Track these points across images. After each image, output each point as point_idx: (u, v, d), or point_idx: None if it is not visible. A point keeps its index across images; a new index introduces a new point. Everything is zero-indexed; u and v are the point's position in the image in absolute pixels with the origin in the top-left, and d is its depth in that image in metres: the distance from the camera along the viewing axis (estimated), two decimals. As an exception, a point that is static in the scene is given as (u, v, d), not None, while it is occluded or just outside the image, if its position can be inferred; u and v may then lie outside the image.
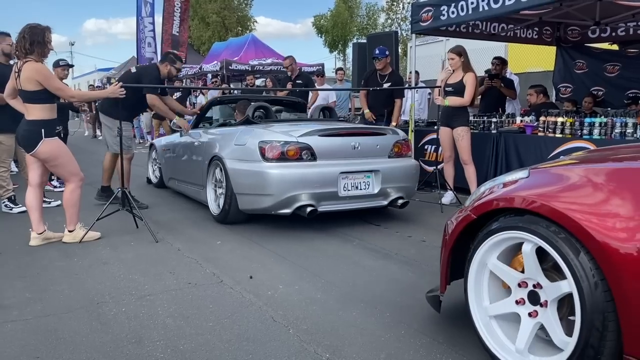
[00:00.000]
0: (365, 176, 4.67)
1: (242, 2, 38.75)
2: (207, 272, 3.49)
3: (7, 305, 2.91)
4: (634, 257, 1.72)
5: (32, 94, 3.96)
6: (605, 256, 1.79)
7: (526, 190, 2.13)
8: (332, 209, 4.59)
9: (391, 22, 35.97)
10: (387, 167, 4.79)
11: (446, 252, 2.46)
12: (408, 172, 4.97)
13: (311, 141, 4.52)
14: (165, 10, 16.20)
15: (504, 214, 2.18)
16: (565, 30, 8.08)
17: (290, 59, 8.63)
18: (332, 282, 3.28)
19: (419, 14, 6.47)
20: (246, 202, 4.60)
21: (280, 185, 4.35)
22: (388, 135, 5.02)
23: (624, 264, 1.74)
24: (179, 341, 2.47)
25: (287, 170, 4.38)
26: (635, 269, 1.72)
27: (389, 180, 4.76)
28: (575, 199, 1.96)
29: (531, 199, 2.05)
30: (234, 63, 14.30)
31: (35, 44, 3.94)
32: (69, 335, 2.53)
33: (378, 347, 2.43)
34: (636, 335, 1.73)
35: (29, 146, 4.04)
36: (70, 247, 4.07)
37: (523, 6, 5.26)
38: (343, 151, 4.65)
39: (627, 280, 1.74)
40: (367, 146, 4.77)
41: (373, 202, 4.78)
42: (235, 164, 4.64)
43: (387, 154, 4.90)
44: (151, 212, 5.20)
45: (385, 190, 4.76)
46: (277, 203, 4.39)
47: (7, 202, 5.40)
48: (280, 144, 4.45)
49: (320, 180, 4.45)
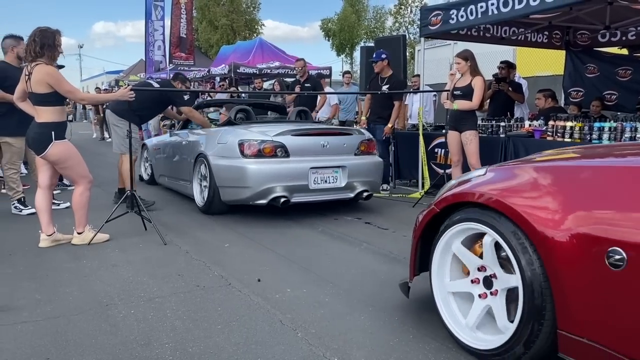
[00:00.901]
0: (333, 171, 5.24)
1: (249, 6, 38.89)
2: (215, 274, 3.49)
3: (17, 306, 2.93)
4: (566, 245, 1.97)
5: (43, 96, 3.98)
6: (543, 245, 2.05)
7: (480, 187, 2.41)
8: (304, 200, 5.14)
9: (399, 25, 36.00)
10: (353, 163, 5.36)
11: (414, 242, 2.73)
12: (372, 168, 5.53)
13: (285, 140, 5.08)
14: (173, 13, 16.30)
15: (464, 207, 2.45)
16: (574, 34, 8.04)
17: (302, 62, 8.66)
18: (340, 286, 3.27)
19: (428, 18, 6.47)
20: (227, 194, 5.14)
21: (257, 179, 4.90)
22: (354, 135, 5.62)
23: (558, 253, 2.00)
24: (188, 344, 2.47)
25: (263, 165, 4.94)
26: (567, 257, 1.97)
27: (354, 175, 5.32)
28: (518, 193, 2.23)
29: (483, 194, 2.33)
30: (242, 66, 14.34)
31: (45, 47, 3.97)
32: (79, 336, 2.55)
33: (386, 351, 2.42)
34: (567, 314, 2.01)
35: (39, 148, 4.06)
36: (79, 249, 4.09)
37: (532, 10, 5.24)
38: (313, 149, 5.21)
39: (562, 268, 1.99)
40: (335, 145, 5.35)
41: (340, 194, 5.33)
42: (218, 160, 5.17)
43: (353, 151, 5.47)
44: (159, 215, 5.22)
45: (351, 184, 5.32)
46: (254, 194, 4.94)
47: (17, 203, 5.44)
48: (257, 142, 5.00)
49: (293, 175, 5.00)
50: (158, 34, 17.22)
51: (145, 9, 17.08)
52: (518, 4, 5.24)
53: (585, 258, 1.93)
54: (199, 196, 5.57)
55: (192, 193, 5.70)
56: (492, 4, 5.54)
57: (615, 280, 1.85)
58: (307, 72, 8.77)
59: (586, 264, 1.93)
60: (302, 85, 8.49)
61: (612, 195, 1.96)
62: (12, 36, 5.55)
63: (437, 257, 2.58)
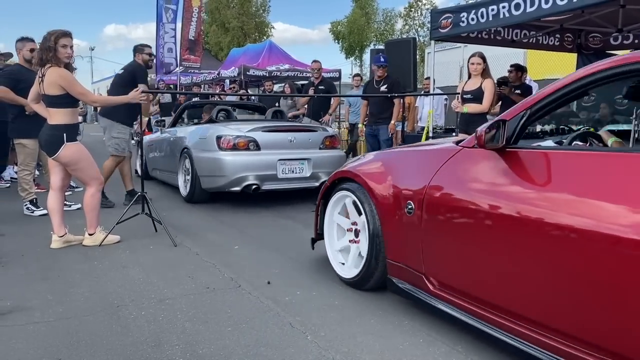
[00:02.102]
0: (299, 163, 5.95)
1: (259, 8, 39.04)
2: (225, 276, 3.50)
3: (29, 306, 2.96)
4: (387, 200, 2.94)
5: (55, 98, 4.02)
6: (377, 201, 3.02)
7: (350, 165, 3.43)
8: (273, 187, 5.88)
9: (409, 28, 35.95)
10: (317, 156, 6.08)
11: (317, 208, 3.66)
12: (335, 161, 6.14)
13: (256, 135, 5.84)
14: (185, 16, 16.38)
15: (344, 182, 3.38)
16: (586, 37, 7.99)
17: (319, 63, 8.72)
18: (350, 289, 3.26)
19: (439, 20, 6.46)
20: (207, 182, 5.88)
21: (232, 169, 5.64)
22: (319, 132, 6.38)
23: (384, 206, 2.96)
24: (198, 345, 2.48)
25: (237, 157, 5.69)
26: (388, 208, 2.92)
27: (318, 166, 6.03)
28: (366, 168, 3.23)
29: (350, 172, 3.33)
30: (252, 69, 14.39)
31: (45, 51, 4.01)
32: (90, 337, 2.56)
33: (396, 355, 2.41)
34: (391, 247, 2.94)
35: (52, 150, 4.10)
36: (91, 250, 4.12)
37: (544, 13, 5.22)
38: (281, 143, 5.94)
39: (386, 216, 2.95)
40: (302, 140, 6.08)
41: (306, 183, 6.05)
42: (199, 153, 5.91)
43: (318, 146, 6.20)
44: (169, 217, 5.25)
45: (316, 174, 6.01)
46: (229, 182, 5.68)
47: (29, 204, 5.48)
48: (233, 137, 5.74)
49: (263, 165, 5.73)
50: (168, 36, 17.29)
51: (156, 11, 17.19)
52: (530, 7, 5.22)
53: (397, 208, 2.85)
54: (183, 187, 6.31)
55: (177, 183, 6.45)
56: (503, 6, 5.52)
57: (410, 222, 2.76)
58: (322, 74, 8.84)
59: (397, 212, 2.85)
60: (316, 87, 8.52)
61: (408, 170, 2.92)
62: (21, 38, 5.62)
63: (326, 226, 3.57)
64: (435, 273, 2.65)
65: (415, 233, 2.71)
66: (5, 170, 7.37)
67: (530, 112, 2.36)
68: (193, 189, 5.97)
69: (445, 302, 2.57)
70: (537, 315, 2.10)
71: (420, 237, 2.68)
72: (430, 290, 2.65)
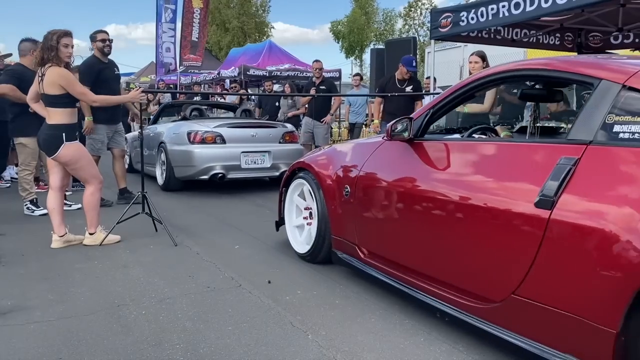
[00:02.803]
0: (261, 155, 6.82)
1: (259, 8, 39.03)
2: (226, 276, 3.50)
3: (30, 306, 2.95)
4: (331, 185, 3.49)
5: (55, 97, 4.02)
6: (323, 186, 3.57)
7: (309, 158, 3.93)
8: (237, 176, 6.74)
9: (409, 27, 35.95)
10: (277, 149, 6.95)
11: (280, 194, 4.17)
12: (293, 153, 6.91)
13: (222, 131, 6.70)
14: (185, 16, 16.37)
15: (300, 171, 3.93)
16: (586, 37, 7.98)
17: (320, 63, 8.73)
18: (350, 288, 3.27)
19: (438, 20, 6.46)
20: (179, 172, 6.71)
21: (201, 160, 6.50)
22: (279, 128, 7.26)
23: (328, 190, 3.52)
24: (199, 345, 2.48)
25: (205, 149, 6.55)
26: (331, 192, 3.47)
27: (278, 158, 6.88)
28: (317, 159, 3.80)
29: (304, 163, 3.89)
30: (252, 69, 14.39)
31: (45, 51, 4.01)
32: (90, 337, 2.56)
33: (397, 354, 2.41)
34: (334, 225, 3.48)
35: (51, 150, 4.10)
36: (91, 250, 4.12)
37: (544, 12, 5.22)
38: (245, 138, 6.83)
39: (329, 198, 3.50)
40: (263, 135, 6.99)
41: (267, 172, 6.98)
42: (173, 146, 6.72)
43: (278, 140, 7.08)
44: (170, 216, 5.25)
45: (276, 165, 6.85)
46: (198, 171, 6.54)
47: (30, 204, 5.48)
48: (201, 132, 6.60)
49: (228, 157, 6.57)
50: (167, 36, 17.28)
51: (155, 11, 17.19)
52: (529, 6, 5.22)
53: (339, 192, 3.40)
54: (160, 177, 7.10)
55: (156, 174, 7.25)
56: (503, 5, 5.52)
57: (347, 202, 3.31)
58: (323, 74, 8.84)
59: (339, 196, 3.40)
60: (317, 87, 8.53)
61: (348, 160, 3.47)
62: (30, 40, 5.61)
63: (286, 206, 4.08)
64: (365, 243, 3.22)
65: (350, 211, 3.30)
66: (5, 170, 7.37)
67: (432, 111, 2.95)
68: (168, 178, 6.73)
69: (373, 267, 3.12)
70: (434, 272, 2.66)
71: (354, 214, 3.27)
72: (361, 258, 3.22)
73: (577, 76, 2.29)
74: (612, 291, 1.81)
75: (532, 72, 2.60)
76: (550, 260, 2.03)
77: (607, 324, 1.82)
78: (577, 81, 2.34)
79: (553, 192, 2.03)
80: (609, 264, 1.83)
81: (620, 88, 2.05)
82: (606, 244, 1.85)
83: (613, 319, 1.80)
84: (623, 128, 2.00)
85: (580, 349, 1.93)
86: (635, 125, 1.96)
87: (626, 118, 2.01)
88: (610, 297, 1.82)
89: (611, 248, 1.83)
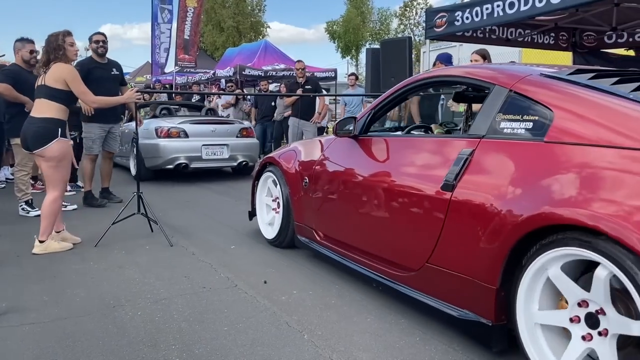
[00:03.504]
0: (220, 147, 7.86)
1: (255, 8, 38.97)
2: (222, 276, 3.50)
3: (24, 307, 2.94)
4: (293, 177, 3.93)
5: (57, 92, 4.00)
6: (287, 178, 4.01)
7: (276, 154, 4.37)
8: (199, 166, 7.76)
9: (404, 27, 35.98)
10: (234, 142, 8.02)
11: (252, 188, 4.61)
12: (249, 146, 8.24)
13: (185, 126, 7.74)
14: (179, 15, 16.34)
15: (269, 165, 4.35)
16: (581, 36, 7.99)
17: (302, 63, 8.85)
18: (346, 288, 3.27)
19: (433, 20, 6.46)
20: (149, 162, 7.59)
21: (166, 151, 7.47)
22: (236, 124, 8.58)
23: (291, 181, 3.96)
24: (194, 345, 2.48)
25: (170, 143, 7.55)
26: (294, 183, 3.91)
27: (235, 150, 7.98)
28: (283, 155, 4.21)
29: (272, 158, 4.33)
30: (248, 68, 14.37)
31: (52, 52, 4.01)
32: (86, 338, 2.55)
33: (393, 353, 2.42)
34: (296, 212, 3.91)
35: (39, 143, 3.94)
36: (86, 251, 4.10)
37: (538, 12, 5.22)
38: (206, 132, 7.87)
39: (292, 188, 3.94)
40: (222, 130, 8.08)
41: (226, 163, 8.07)
42: (143, 140, 7.28)
43: (235, 134, 8.14)
44: (165, 217, 5.24)
45: (234, 156, 7.99)
46: (164, 162, 7.51)
47: (25, 205, 5.46)
48: (167, 128, 7.59)
49: (190, 149, 7.54)
50: (164, 36, 17.26)
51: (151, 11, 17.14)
52: (524, 5, 5.22)
53: (299, 184, 3.83)
54: (133, 168, 7.97)
55: (129, 166, 8.19)
56: (497, 5, 5.52)
57: (306, 192, 3.75)
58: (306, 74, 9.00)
59: (299, 185, 3.84)
60: (303, 87, 8.59)
61: (308, 155, 3.89)
62: (20, 39, 5.60)
63: (257, 197, 4.52)
64: (320, 227, 3.65)
65: (308, 200, 3.74)
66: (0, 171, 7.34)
67: (374, 112, 3.39)
68: (139, 169, 7.15)
69: (327, 248, 3.54)
70: (371, 248, 3.11)
71: (311, 202, 3.71)
72: (318, 241, 3.64)
73: (480, 82, 2.74)
74: (492, 254, 2.23)
75: (452, 78, 3.09)
76: (452, 233, 2.48)
77: (490, 281, 2.25)
78: (481, 86, 2.76)
79: (453, 177, 2.48)
80: (490, 232, 2.25)
81: (508, 92, 2.49)
82: (488, 216, 2.27)
83: (494, 277, 2.23)
84: (507, 124, 2.44)
85: (474, 304, 2.36)
86: (515, 122, 2.40)
87: (509, 116, 2.44)
88: (491, 259, 2.23)
89: (492, 219, 2.25)
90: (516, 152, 2.32)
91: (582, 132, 2.13)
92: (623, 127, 2.03)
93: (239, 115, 12.30)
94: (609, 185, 1.92)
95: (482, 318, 2.30)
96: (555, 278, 2.04)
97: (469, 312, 2.37)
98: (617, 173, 1.93)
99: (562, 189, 2.03)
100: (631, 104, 2.12)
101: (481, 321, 2.30)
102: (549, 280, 2.07)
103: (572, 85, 2.35)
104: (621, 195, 1.85)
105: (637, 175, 1.87)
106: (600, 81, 2.38)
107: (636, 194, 1.82)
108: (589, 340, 1.94)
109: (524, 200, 2.15)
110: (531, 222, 2.07)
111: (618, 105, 2.14)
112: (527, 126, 2.35)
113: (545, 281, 2.09)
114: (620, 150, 1.97)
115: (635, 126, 2.01)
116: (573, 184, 2.02)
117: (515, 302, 2.17)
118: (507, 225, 2.16)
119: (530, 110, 2.37)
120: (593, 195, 1.93)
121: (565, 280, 2.01)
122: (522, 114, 2.39)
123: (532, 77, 2.49)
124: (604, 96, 2.22)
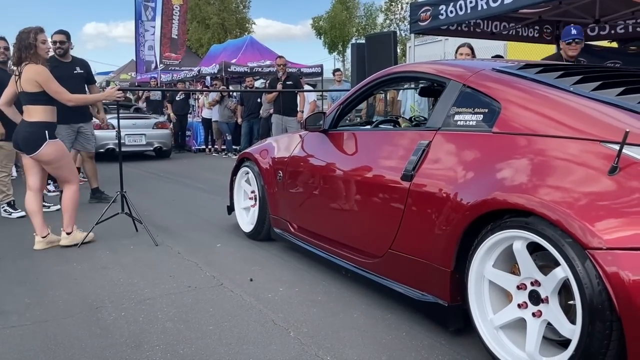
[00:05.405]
0: (139, 136, 10.84)
1: (239, 4, 38.74)
2: (207, 275, 3.47)
3: (6, 310, 2.89)
4: (268, 171, 4.03)
5: (33, 95, 3.96)
6: (263, 173, 4.11)
7: (252, 149, 4.51)
8: (124, 150, 8.70)
9: (390, 22, 35.99)
10: (150, 132, 11.04)
11: (230, 183, 4.71)
12: (163, 136, 11.39)
13: (113, 121, 8.77)
14: (164, 13, 16.21)
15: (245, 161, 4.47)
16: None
17: (284, 59, 9.00)
18: (333, 284, 3.26)
19: (418, 14, 6.44)
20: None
21: (99, 139, 8.95)
22: (153, 119, 11.44)
23: (266, 175, 4.05)
24: (179, 345, 2.45)
25: (101, 133, 9.55)
26: (269, 177, 4.01)
27: (152, 138, 11.02)
28: (259, 150, 4.33)
29: (248, 153, 4.44)
30: (233, 65, 14.26)
31: (24, 50, 3.95)
32: (68, 340, 2.51)
33: (379, 349, 2.41)
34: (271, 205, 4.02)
35: (31, 148, 3.99)
36: (70, 252, 4.05)
37: (522, 4, 5.23)
38: (128, 125, 10.47)
39: (268, 183, 4.03)
40: (141, 123, 11.06)
41: (144, 148, 11.15)
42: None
43: (151, 127, 11.13)
44: (151, 216, 5.18)
45: (151, 143, 11.04)
46: (98, 146, 8.66)
47: (7, 206, 5.38)
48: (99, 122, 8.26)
49: (116, 137, 7.67)
50: (149, 34, 17.11)
51: (134, 9, 16.99)
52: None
53: (274, 178, 3.93)
54: None
55: None
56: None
57: (280, 186, 3.87)
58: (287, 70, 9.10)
59: (274, 181, 3.93)
60: (284, 83, 8.60)
61: (282, 150, 4.00)
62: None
63: (235, 191, 4.62)
64: (294, 219, 3.78)
65: (283, 193, 3.85)
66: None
67: (342, 107, 3.53)
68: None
69: (300, 239, 3.66)
70: (339, 237, 3.25)
71: (285, 195, 3.83)
72: (292, 232, 3.77)
73: (438, 77, 2.88)
74: (446, 238, 2.37)
75: (415, 74, 3.30)
76: (411, 220, 2.61)
77: (445, 264, 2.39)
78: (439, 82, 2.89)
79: (412, 167, 2.62)
80: (444, 218, 2.39)
81: (462, 86, 2.62)
82: (442, 202, 2.41)
83: (448, 261, 2.36)
84: (459, 117, 2.57)
85: (432, 287, 2.50)
86: (467, 114, 2.54)
87: (462, 109, 2.57)
88: (446, 243, 2.37)
89: (445, 205, 2.39)
90: (467, 143, 2.47)
91: (525, 123, 2.28)
92: (563, 118, 2.18)
93: (225, 113, 12.21)
94: (549, 172, 2.07)
95: (440, 299, 2.45)
96: None
97: (428, 294, 2.52)
98: (557, 161, 2.08)
99: (507, 176, 2.19)
100: (571, 96, 2.25)
101: (439, 302, 2.45)
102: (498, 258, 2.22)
103: (519, 79, 2.47)
104: (555, 180, 2.03)
105: (571, 163, 2.04)
106: (545, 75, 2.48)
107: (570, 179, 2.00)
108: (524, 307, 2.13)
109: (473, 187, 2.30)
110: (478, 207, 2.21)
111: (559, 98, 2.27)
112: (478, 118, 2.49)
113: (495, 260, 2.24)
114: (560, 140, 2.12)
115: (574, 117, 2.16)
116: (517, 172, 2.17)
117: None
118: (458, 212, 2.31)
119: (481, 103, 2.50)
120: (534, 181, 2.08)
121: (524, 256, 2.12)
122: (473, 107, 2.52)
123: (484, 72, 2.62)
124: (547, 89, 2.34)
